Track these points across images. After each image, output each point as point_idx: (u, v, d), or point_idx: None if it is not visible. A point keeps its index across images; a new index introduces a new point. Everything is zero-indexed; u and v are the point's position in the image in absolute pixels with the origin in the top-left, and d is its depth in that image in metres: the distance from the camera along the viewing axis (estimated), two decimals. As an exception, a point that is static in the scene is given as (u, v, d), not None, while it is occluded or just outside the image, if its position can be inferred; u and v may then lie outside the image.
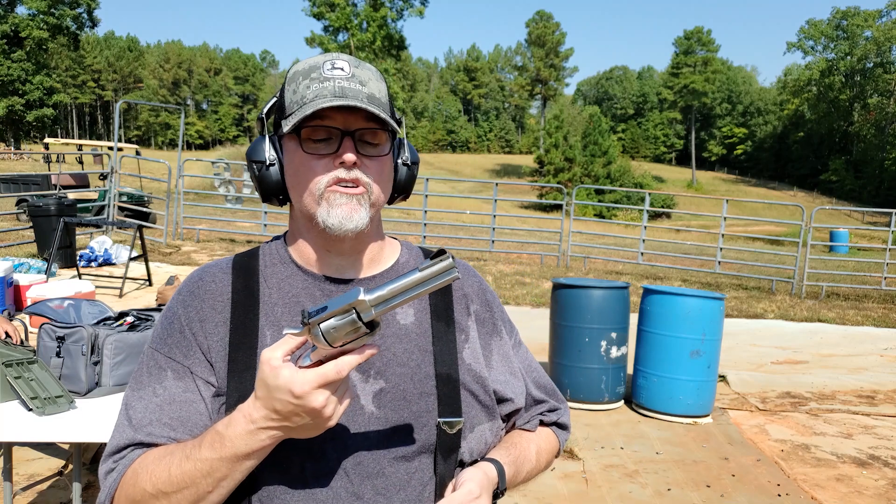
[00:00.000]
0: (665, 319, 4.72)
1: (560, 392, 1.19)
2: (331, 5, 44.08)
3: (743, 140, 79.82)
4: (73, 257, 8.73)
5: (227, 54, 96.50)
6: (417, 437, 0.92)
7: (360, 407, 0.91)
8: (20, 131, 44.97)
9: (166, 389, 0.92)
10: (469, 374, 0.99)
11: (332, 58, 0.93)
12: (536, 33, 72.38)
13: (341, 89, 0.89)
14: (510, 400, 1.05)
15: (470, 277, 1.09)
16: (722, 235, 11.92)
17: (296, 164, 0.93)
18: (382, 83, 0.96)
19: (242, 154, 32.98)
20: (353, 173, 0.91)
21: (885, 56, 60.25)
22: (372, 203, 0.94)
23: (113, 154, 12.17)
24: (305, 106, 0.89)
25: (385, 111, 0.92)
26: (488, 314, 1.07)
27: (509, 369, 1.06)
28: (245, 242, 13.17)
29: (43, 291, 5.81)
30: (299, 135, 0.91)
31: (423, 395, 0.94)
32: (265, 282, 0.98)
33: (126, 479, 0.88)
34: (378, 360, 0.94)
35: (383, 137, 0.94)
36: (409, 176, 1.03)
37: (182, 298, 0.99)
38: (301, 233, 0.99)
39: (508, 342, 1.09)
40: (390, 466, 0.91)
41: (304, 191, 0.93)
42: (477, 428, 0.98)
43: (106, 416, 2.11)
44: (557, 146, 49.20)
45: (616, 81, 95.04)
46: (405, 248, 1.08)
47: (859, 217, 42.71)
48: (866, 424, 4.95)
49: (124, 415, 0.93)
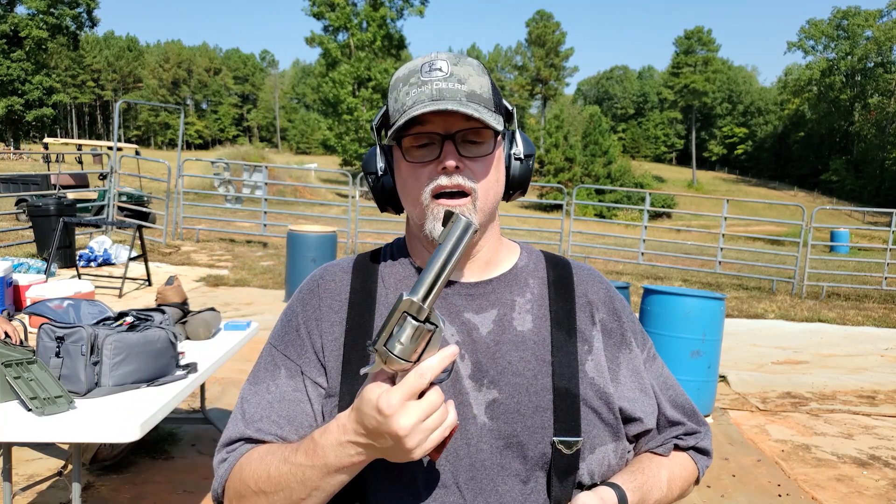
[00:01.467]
0: (665, 319, 4.71)
1: (701, 414, 1.09)
2: (331, 5, 44.07)
3: (743, 140, 79.81)
4: (72, 257, 8.73)
5: (227, 54, 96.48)
6: (532, 454, 0.88)
7: (473, 416, 0.88)
8: (20, 131, 44.97)
9: (278, 387, 0.93)
10: (591, 388, 0.92)
11: (431, 59, 0.91)
12: (536, 33, 72.36)
13: (439, 91, 0.87)
14: (639, 420, 0.97)
15: (595, 283, 1.03)
16: (722, 235, 11.92)
17: (402, 173, 0.93)
18: (485, 77, 0.92)
19: (242, 154, 32.96)
20: (455, 179, 0.88)
21: (885, 56, 60.24)
22: (480, 209, 0.90)
23: (112, 154, 12.16)
24: (404, 114, 0.88)
25: (488, 107, 0.90)
26: (616, 324, 1.00)
27: (639, 385, 0.99)
28: (245, 242, 13.17)
29: (42, 291, 5.80)
30: (401, 144, 0.91)
31: (539, 409, 0.89)
32: (383, 282, 0.97)
33: (234, 471, 0.89)
34: (492, 369, 0.90)
35: (488, 135, 0.90)
36: (524, 170, 0.98)
37: (302, 297, 0.99)
38: (416, 237, 0.98)
39: (640, 355, 1.01)
40: (504, 484, 0.87)
41: (412, 201, 0.92)
42: (599, 449, 0.91)
43: (105, 416, 2.10)
44: (558, 146, 49.21)
45: (616, 81, 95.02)
46: (525, 251, 1.04)
47: (860, 217, 42.70)
48: (867, 425, 4.94)
49: (239, 408, 0.94)
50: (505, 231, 11.62)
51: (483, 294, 0.96)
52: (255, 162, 23.73)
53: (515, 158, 0.98)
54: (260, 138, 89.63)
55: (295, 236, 8.06)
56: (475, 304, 0.94)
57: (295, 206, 18.43)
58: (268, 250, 12.40)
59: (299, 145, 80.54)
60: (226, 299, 7.83)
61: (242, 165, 20.05)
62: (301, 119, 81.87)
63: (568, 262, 1.05)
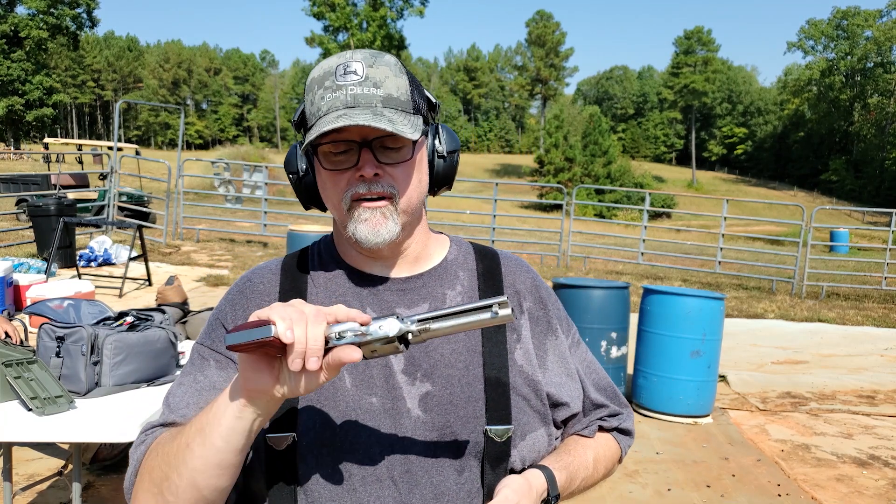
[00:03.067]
0: (665, 319, 4.71)
1: (622, 396, 1.12)
2: (331, 5, 44.06)
3: (743, 140, 79.83)
4: (72, 257, 8.73)
5: (227, 54, 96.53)
6: (465, 444, 0.89)
7: (407, 410, 0.88)
8: (20, 131, 44.96)
9: (207, 377, 0.92)
10: (520, 376, 0.94)
11: (346, 60, 0.88)
12: (536, 33, 72.38)
13: (353, 97, 0.86)
14: (565, 404, 0.99)
15: (522, 273, 1.04)
16: (722, 235, 11.92)
17: (321, 179, 0.92)
18: (402, 77, 0.90)
19: (242, 154, 32.97)
20: (374, 188, 0.88)
21: (885, 56, 60.24)
22: (402, 210, 0.90)
23: (113, 154, 12.17)
24: (319, 122, 0.86)
25: (405, 109, 0.89)
26: (542, 312, 1.02)
27: (565, 371, 1.01)
28: (245, 242, 13.17)
29: (42, 291, 5.81)
30: (317, 150, 0.90)
31: (471, 399, 0.90)
32: (313, 282, 0.97)
33: (150, 450, 0.88)
34: (425, 362, 0.91)
35: (406, 140, 0.88)
36: (448, 166, 0.98)
37: (231, 298, 0.99)
38: (342, 235, 0.97)
39: (565, 342, 1.03)
40: (438, 475, 0.88)
41: (333, 205, 0.92)
42: (529, 435, 0.93)
43: (106, 416, 2.11)
44: (557, 146, 49.19)
45: (616, 81, 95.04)
46: (455, 244, 1.04)
47: (859, 217, 42.69)
48: (866, 424, 4.95)
49: (164, 402, 0.93)
50: (504, 231, 11.52)
51: (414, 289, 0.96)
52: (256, 162, 23.72)
53: (439, 156, 0.97)
54: (260, 138, 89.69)
55: (295, 236, 8.07)
56: (406, 299, 0.95)
57: (295, 206, 18.33)
58: (268, 250, 12.41)
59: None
60: (226, 299, 7.82)
61: (242, 165, 20.04)
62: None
63: (496, 253, 1.05)
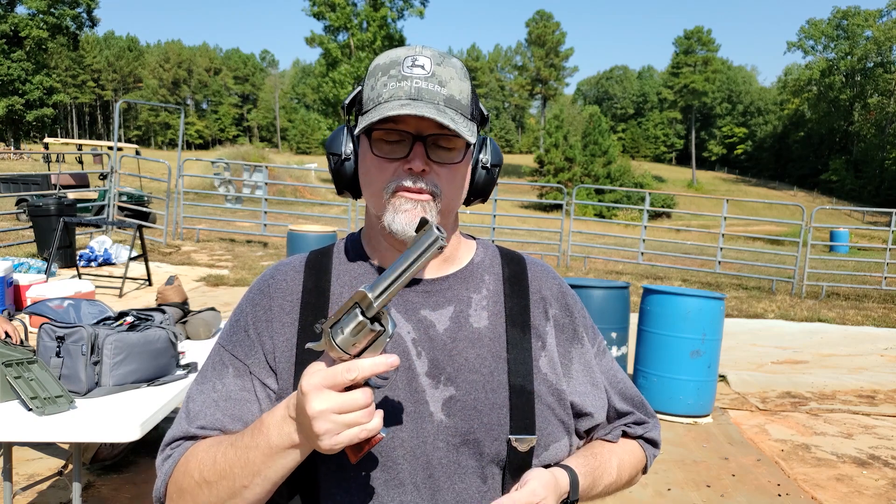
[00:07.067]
0: (665, 319, 4.71)
1: (650, 406, 1.10)
2: (331, 5, 44.04)
3: (743, 140, 79.82)
4: (72, 257, 8.73)
5: (227, 54, 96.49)
6: (488, 451, 0.87)
7: (430, 414, 0.87)
8: (20, 131, 44.96)
9: (225, 386, 0.91)
10: (545, 385, 0.93)
11: (415, 53, 0.88)
12: (536, 33, 72.38)
13: (417, 91, 0.85)
14: (589, 415, 0.97)
15: (549, 279, 1.02)
16: (722, 235, 11.92)
17: (367, 164, 0.91)
18: (466, 82, 0.90)
19: (242, 154, 32.90)
20: (419, 183, 0.87)
21: (885, 56, 60.22)
22: (442, 211, 0.90)
23: (113, 154, 12.17)
24: (379, 107, 0.85)
25: (464, 113, 0.88)
26: (568, 319, 1.00)
27: (590, 380, 0.99)
28: (245, 242, 13.17)
29: (43, 291, 5.81)
30: (370, 133, 0.88)
31: (496, 406, 0.89)
32: (337, 280, 0.96)
33: (178, 466, 0.88)
34: (449, 366, 0.89)
35: (460, 143, 0.88)
36: (488, 179, 0.97)
37: (252, 297, 0.97)
38: (374, 230, 0.96)
39: (591, 350, 1.01)
40: (461, 482, 0.87)
41: (373, 192, 0.91)
42: (553, 446, 0.92)
43: (106, 416, 2.11)
44: (557, 146, 49.16)
45: (616, 81, 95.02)
46: (481, 246, 1.03)
47: (859, 217, 42.69)
48: (866, 424, 4.95)
49: (184, 406, 0.93)
50: (504, 231, 11.52)
51: (440, 291, 0.95)
52: (255, 162, 23.70)
53: (482, 167, 0.97)
54: (260, 138, 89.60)
55: (295, 236, 8.07)
56: (432, 301, 0.94)
57: (295, 206, 18.42)
58: (268, 250, 12.41)
59: (299, 145, 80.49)
60: (226, 299, 7.83)
61: (242, 165, 20.04)
62: (301, 119, 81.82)
63: (523, 258, 1.04)
